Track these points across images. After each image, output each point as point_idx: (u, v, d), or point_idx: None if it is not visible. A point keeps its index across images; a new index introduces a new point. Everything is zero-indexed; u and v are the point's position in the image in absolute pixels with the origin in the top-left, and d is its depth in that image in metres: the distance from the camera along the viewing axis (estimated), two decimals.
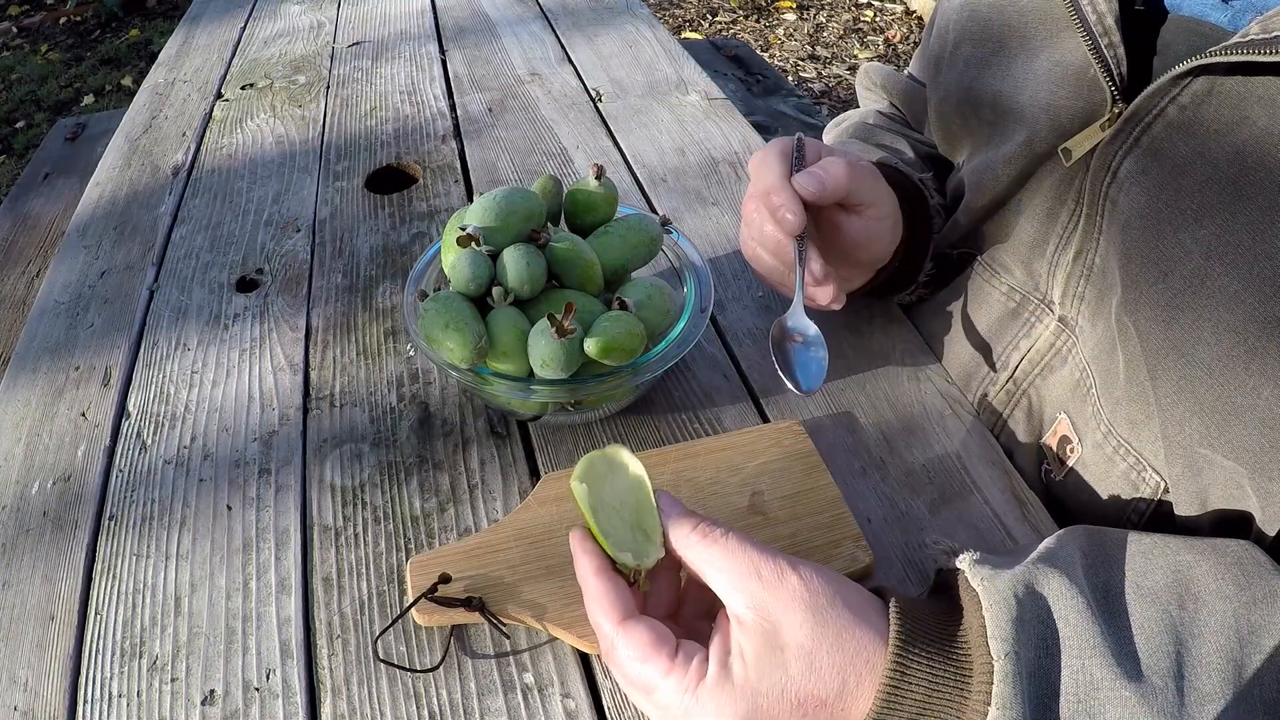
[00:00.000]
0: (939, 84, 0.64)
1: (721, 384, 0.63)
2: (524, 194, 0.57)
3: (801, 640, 0.36)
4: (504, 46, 1.18)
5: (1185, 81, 0.42)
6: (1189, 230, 0.42)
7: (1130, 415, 0.48)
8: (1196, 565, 0.38)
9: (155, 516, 0.56)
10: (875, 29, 3.21)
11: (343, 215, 0.84)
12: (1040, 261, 0.55)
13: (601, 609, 0.39)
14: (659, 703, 0.37)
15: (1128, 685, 0.34)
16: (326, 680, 0.47)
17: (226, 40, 1.26)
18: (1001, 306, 0.59)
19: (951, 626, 0.37)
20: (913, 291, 0.66)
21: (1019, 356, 0.57)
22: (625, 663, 0.38)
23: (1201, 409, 0.42)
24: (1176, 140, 0.43)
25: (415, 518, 0.54)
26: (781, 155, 0.55)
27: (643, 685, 0.37)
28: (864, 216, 0.55)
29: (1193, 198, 0.42)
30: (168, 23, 3.49)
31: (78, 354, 0.70)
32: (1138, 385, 0.47)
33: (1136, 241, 0.45)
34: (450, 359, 0.53)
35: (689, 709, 0.36)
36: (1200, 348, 0.41)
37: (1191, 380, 0.42)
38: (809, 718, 0.36)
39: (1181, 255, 0.42)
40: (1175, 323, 0.43)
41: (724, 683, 0.36)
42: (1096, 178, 0.48)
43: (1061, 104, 0.50)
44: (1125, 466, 0.49)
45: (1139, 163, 0.45)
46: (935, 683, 0.35)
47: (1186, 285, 0.42)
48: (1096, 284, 0.50)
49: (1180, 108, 0.43)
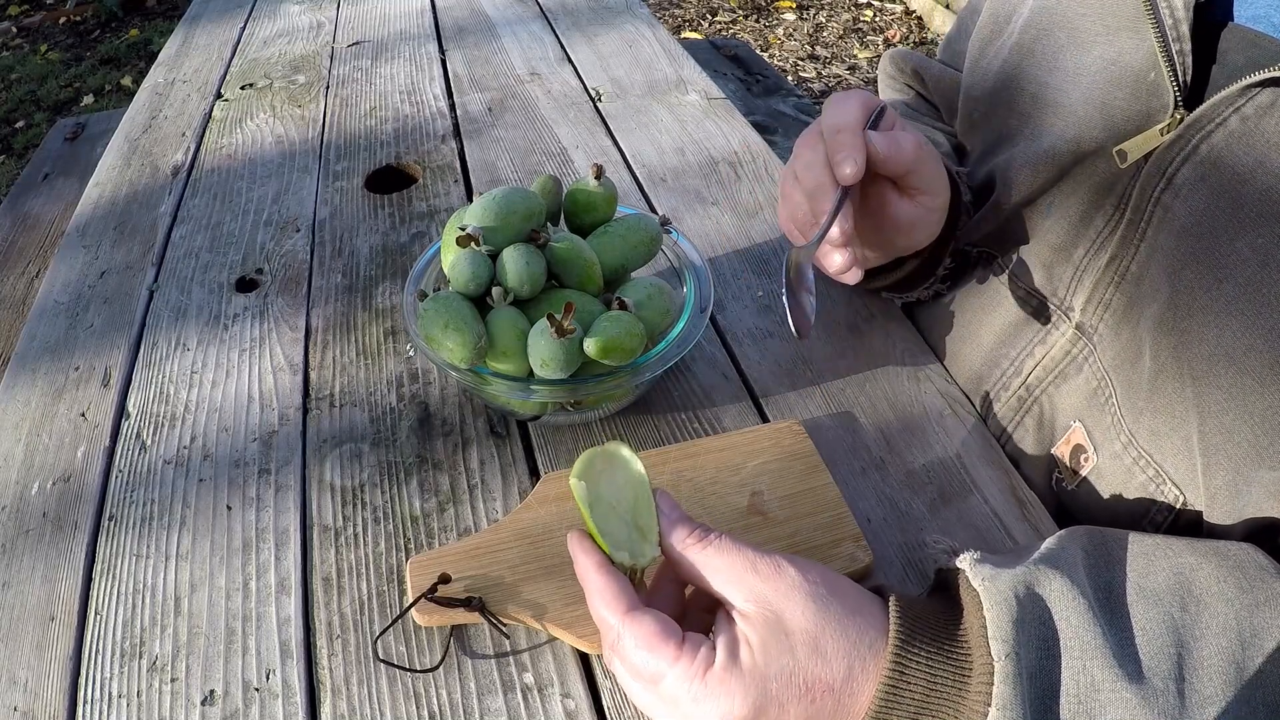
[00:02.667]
0: (980, 67, 0.61)
1: (721, 384, 0.63)
2: (524, 194, 0.57)
3: (806, 625, 0.36)
4: (504, 46, 1.18)
5: (1253, 93, 0.42)
6: (1245, 238, 0.42)
7: (1154, 426, 0.47)
8: (1199, 568, 0.38)
9: (155, 516, 0.56)
10: (875, 29, 3.21)
11: (343, 215, 0.84)
12: (1064, 266, 0.54)
13: (605, 602, 0.38)
14: (666, 693, 0.37)
15: (1129, 686, 0.34)
16: (326, 680, 0.47)
17: (226, 40, 1.26)
18: (1016, 311, 0.58)
19: (951, 626, 0.37)
20: (929, 287, 0.64)
21: (1032, 363, 0.56)
22: (631, 653, 0.37)
23: (1252, 417, 0.41)
24: (1237, 150, 0.43)
25: (415, 518, 0.54)
26: (863, 105, 0.52)
27: (649, 676, 0.37)
28: (916, 202, 0.54)
29: (1252, 206, 0.42)
30: (168, 23, 3.49)
31: (78, 354, 0.70)
32: (1165, 396, 0.46)
33: (1192, 248, 0.45)
34: (450, 359, 0.53)
35: (698, 697, 0.36)
36: (1252, 356, 0.41)
37: (1243, 388, 0.41)
38: (816, 704, 0.36)
39: (1237, 262, 0.42)
40: (1227, 330, 0.42)
41: (732, 669, 0.36)
42: (1149, 182, 0.47)
43: (1118, 104, 0.49)
44: (1144, 478, 0.48)
45: (1197, 170, 0.45)
46: (935, 681, 0.35)
47: (1241, 292, 0.42)
48: (1128, 292, 0.49)
49: (1243, 118, 0.42)
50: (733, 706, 0.35)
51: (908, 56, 0.77)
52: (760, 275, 0.73)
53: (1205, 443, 0.44)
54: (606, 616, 0.38)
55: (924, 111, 0.75)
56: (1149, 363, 0.47)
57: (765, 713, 0.35)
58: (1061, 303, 0.54)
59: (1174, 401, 0.46)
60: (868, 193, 0.55)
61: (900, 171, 0.52)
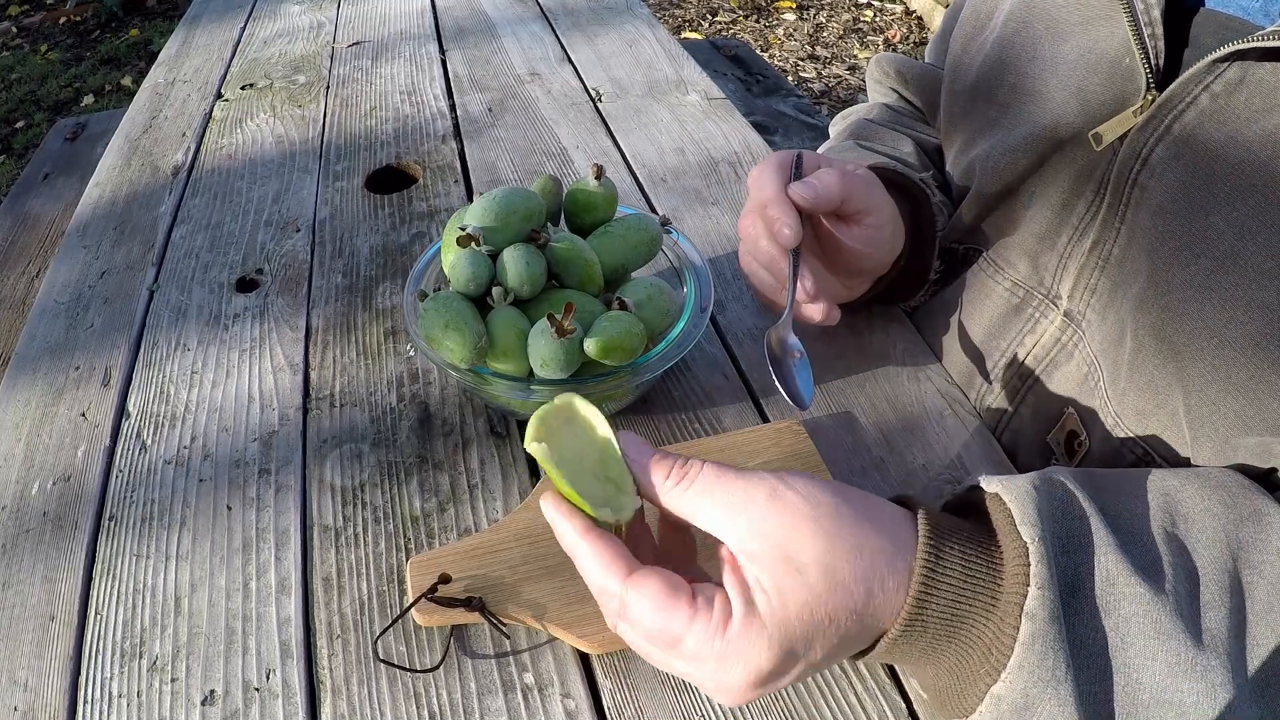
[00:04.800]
0: (962, 63, 0.63)
1: (721, 384, 0.63)
2: (524, 194, 0.57)
3: (817, 555, 0.34)
4: (504, 46, 1.18)
5: (1219, 69, 0.43)
6: (1221, 212, 0.43)
7: (1138, 406, 0.48)
8: (1182, 489, 0.39)
9: (155, 517, 0.56)
10: (875, 29, 3.21)
11: (343, 215, 0.84)
12: (1049, 255, 0.55)
13: (601, 567, 0.36)
14: (687, 653, 0.35)
15: (1141, 583, 0.35)
16: (326, 680, 0.47)
17: (226, 40, 1.26)
18: (1004, 303, 0.59)
19: (975, 524, 0.38)
20: (925, 292, 0.65)
21: (1024, 353, 0.57)
22: (643, 618, 0.35)
23: (1236, 389, 0.42)
24: (1209, 127, 0.44)
25: (415, 518, 0.54)
26: (779, 168, 0.55)
27: (666, 639, 0.35)
28: (862, 225, 0.56)
29: (1225, 181, 0.43)
30: (168, 23, 3.49)
31: (78, 354, 0.70)
32: (1146, 374, 0.47)
33: (1169, 225, 0.45)
34: (450, 359, 0.53)
35: (723, 655, 0.34)
36: (1233, 328, 0.42)
37: (1225, 360, 0.42)
38: (842, 630, 0.34)
39: (1214, 237, 0.43)
40: (1207, 303, 0.43)
41: (752, 619, 0.34)
42: (1125, 164, 0.48)
43: (1093, 90, 0.50)
44: (1133, 459, 0.49)
45: (1171, 149, 0.46)
46: (969, 572, 0.35)
47: (1219, 265, 0.42)
48: (1111, 275, 0.50)
49: (1213, 95, 0.43)
50: (759, 659, 0.34)
51: (891, 60, 0.79)
52: None
53: (1191, 416, 0.45)
54: (607, 584, 0.36)
55: (907, 113, 0.77)
56: (1130, 343, 0.48)
57: (793, 655, 0.34)
58: (1049, 291, 0.55)
59: (1156, 379, 0.46)
60: (818, 234, 0.57)
61: (834, 206, 0.54)
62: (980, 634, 0.35)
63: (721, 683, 0.35)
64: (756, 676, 0.34)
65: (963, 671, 0.36)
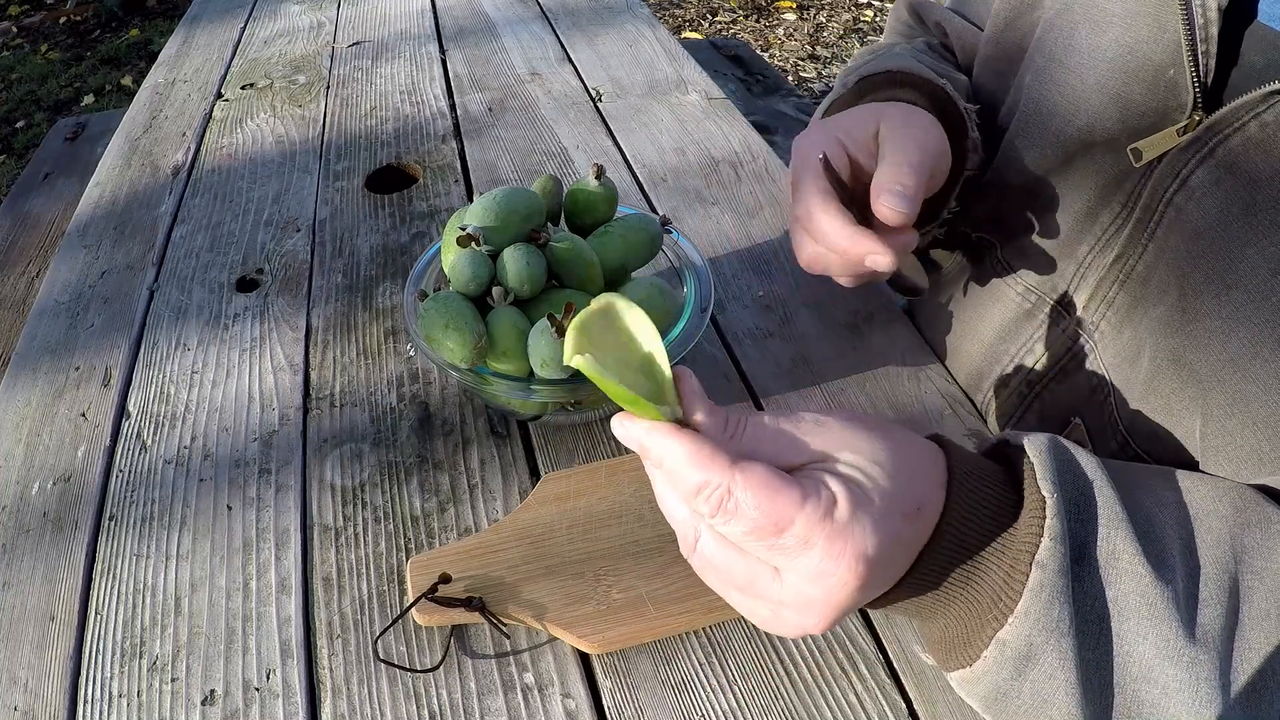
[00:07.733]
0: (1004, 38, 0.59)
1: (721, 384, 0.63)
2: (524, 194, 0.57)
3: (880, 459, 0.35)
4: (504, 46, 1.18)
5: (1275, 100, 0.42)
6: (1257, 245, 0.42)
7: (1150, 428, 0.47)
8: (1195, 490, 0.40)
9: (155, 517, 0.56)
10: (875, 29, 3.21)
11: (343, 215, 0.84)
12: (1067, 261, 0.54)
13: (705, 459, 0.33)
14: (796, 536, 0.33)
15: (1145, 563, 0.36)
16: (326, 680, 0.47)
17: (226, 40, 1.26)
18: (1016, 307, 0.58)
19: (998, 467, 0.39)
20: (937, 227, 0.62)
21: (1033, 360, 0.56)
22: (749, 506, 0.33)
23: (1255, 424, 0.41)
24: (1255, 156, 0.42)
25: (415, 518, 0.54)
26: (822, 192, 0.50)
27: (774, 524, 0.33)
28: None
29: (1265, 214, 0.42)
30: (168, 23, 3.49)
31: (78, 354, 0.70)
32: (1162, 397, 0.46)
33: (1203, 252, 0.44)
34: (450, 359, 0.53)
35: (831, 535, 0.33)
36: (1259, 364, 0.41)
37: (1246, 396, 0.42)
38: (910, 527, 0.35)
39: (1247, 270, 0.42)
40: (1234, 336, 0.42)
41: (860, 499, 0.34)
42: (1161, 182, 0.46)
43: (1134, 98, 0.48)
44: None
45: (1212, 173, 0.44)
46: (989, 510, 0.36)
47: (1250, 299, 0.42)
48: (1132, 291, 0.49)
49: (1262, 124, 0.42)
50: (866, 542, 0.33)
51: (930, 9, 0.74)
52: (760, 275, 0.73)
53: (1206, 444, 0.44)
54: (710, 476, 0.33)
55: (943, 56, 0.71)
56: (1147, 363, 0.47)
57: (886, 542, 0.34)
58: (1063, 299, 0.54)
59: (1172, 403, 0.46)
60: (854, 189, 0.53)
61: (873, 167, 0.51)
62: (991, 579, 0.36)
63: (824, 573, 0.33)
64: (866, 566, 0.33)
65: (971, 619, 0.37)
